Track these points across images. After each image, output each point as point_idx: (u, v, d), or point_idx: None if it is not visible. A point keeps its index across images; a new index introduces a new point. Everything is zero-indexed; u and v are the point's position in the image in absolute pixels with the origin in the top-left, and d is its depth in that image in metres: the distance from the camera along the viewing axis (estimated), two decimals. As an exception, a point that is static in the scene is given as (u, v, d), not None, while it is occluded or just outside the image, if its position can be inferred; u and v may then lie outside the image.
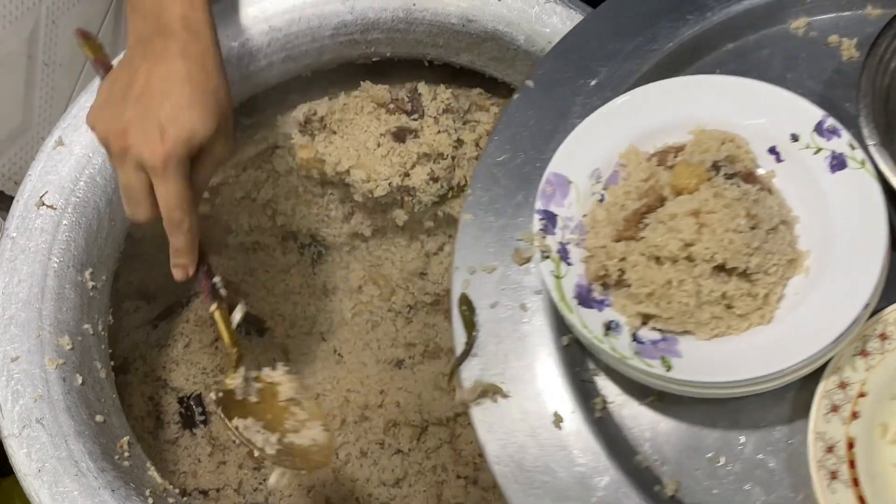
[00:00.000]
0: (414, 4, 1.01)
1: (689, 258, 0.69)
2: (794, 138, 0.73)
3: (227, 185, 1.15)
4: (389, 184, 1.07)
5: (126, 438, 0.89)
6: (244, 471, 1.15)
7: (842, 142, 0.72)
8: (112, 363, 1.15)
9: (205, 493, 1.14)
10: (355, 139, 1.08)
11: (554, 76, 0.85)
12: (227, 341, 0.85)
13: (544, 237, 0.74)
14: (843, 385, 0.69)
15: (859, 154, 0.71)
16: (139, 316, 1.22)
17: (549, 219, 0.74)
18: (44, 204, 0.92)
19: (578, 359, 0.76)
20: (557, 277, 0.72)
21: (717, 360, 0.68)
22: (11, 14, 1.01)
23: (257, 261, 1.25)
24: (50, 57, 1.09)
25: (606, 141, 0.76)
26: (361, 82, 1.11)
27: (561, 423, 0.73)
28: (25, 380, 0.85)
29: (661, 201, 0.73)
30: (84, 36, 0.90)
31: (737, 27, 0.84)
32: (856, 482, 0.67)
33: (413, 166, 1.07)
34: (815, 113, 0.73)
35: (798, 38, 0.84)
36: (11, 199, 0.95)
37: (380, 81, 1.11)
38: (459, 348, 0.77)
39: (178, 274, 0.82)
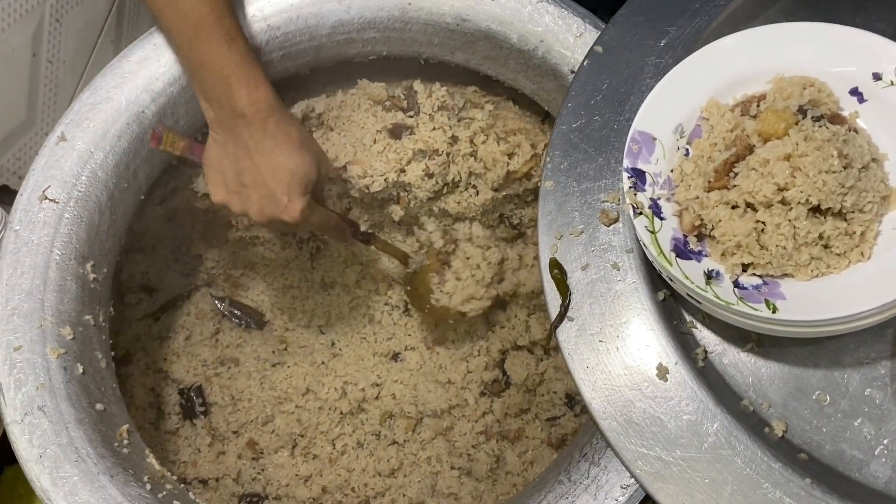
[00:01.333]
0: (409, 4, 1.02)
1: (784, 202, 0.70)
2: (877, 77, 0.74)
3: (227, 181, 1.16)
4: (385, 179, 1.08)
5: (125, 426, 0.90)
6: (243, 461, 1.17)
7: None
8: (114, 354, 1.17)
9: (204, 482, 1.15)
10: (352, 136, 1.09)
11: (623, 39, 0.85)
12: (401, 256, 1.13)
13: (635, 194, 0.74)
14: None
15: None
16: (141, 308, 1.24)
17: (638, 176, 0.75)
18: (46, 198, 0.94)
19: (675, 312, 0.78)
20: (652, 232, 0.73)
21: (820, 299, 0.69)
22: (16, 12, 1.03)
23: (257, 255, 1.26)
24: (54, 54, 1.11)
25: (686, 96, 0.77)
26: (358, 80, 1.12)
27: (666, 375, 0.75)
28: (28, 368, 0.87)
29: (750, 150, 0.74)
30: (157, 137, 0.97)
31: None
32: None
33: (409, 162, 1.09)
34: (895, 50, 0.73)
35: None
36: (15, 193, 0.97)
37: (376, 79, 1.12)
38: (553, 312, 0.78)
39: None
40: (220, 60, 0.89)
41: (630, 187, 0.75)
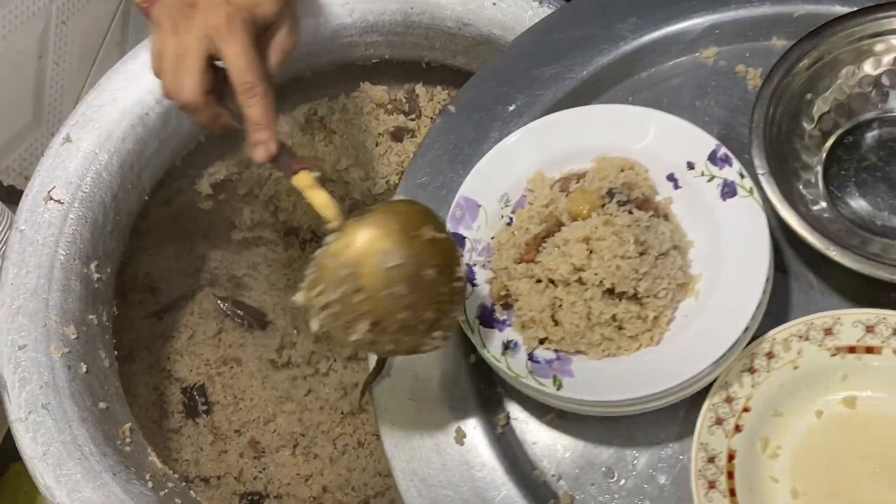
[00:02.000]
0: (412, 8, 1.03)
1: (581, 282, 0.71)
2: (691, 166, 0.75)
3: (231, 182, 1.16)
4: (387, 182, 1.09)
5: (128, 425, 0.91)
6: (244, 460, 1.17)
7: (733, 170, 0.73)
8: (117, 353, 1.17)
9: (206, 480, 1.16)
10: (354, 139, 1.09)
11: (476, 102, 0.87)
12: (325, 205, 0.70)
13: None
14: (729, 399, 0.71)
15: (748, 182, 0.73)
16: (145, 308, 1.24)
17: (458, 241, 0.76)
18: (51, 198, 0.94)
19: (485, 376, 0.78)
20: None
21: (607, 379, 0.70)
22: (23, 14, 1.03)
23: (260, 255, 1.26)
24: (60, 56, 1.11)
25: (516, 166, 0.78)
26: (361, 83, 1.12)
27: (463, 439, 0.76)
28: (32, 367, 0.88)
29: (559, 227, 0.75)
30: None
31: (649, 56, 0.87)
32: (733, 493, 0.69)
33: (410, 165, 1.09)
34: (710, 142, 0.75)
35: (708, 67, 0.86)
36: (21, 193, 0.97)
37: (378, 83, 1.12)
38: (371, 366, 0.79)
39: (260, 153, 0.71)
40: None
41: None
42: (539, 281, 0.73)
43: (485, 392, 0.78)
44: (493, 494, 0.74)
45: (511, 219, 0.77)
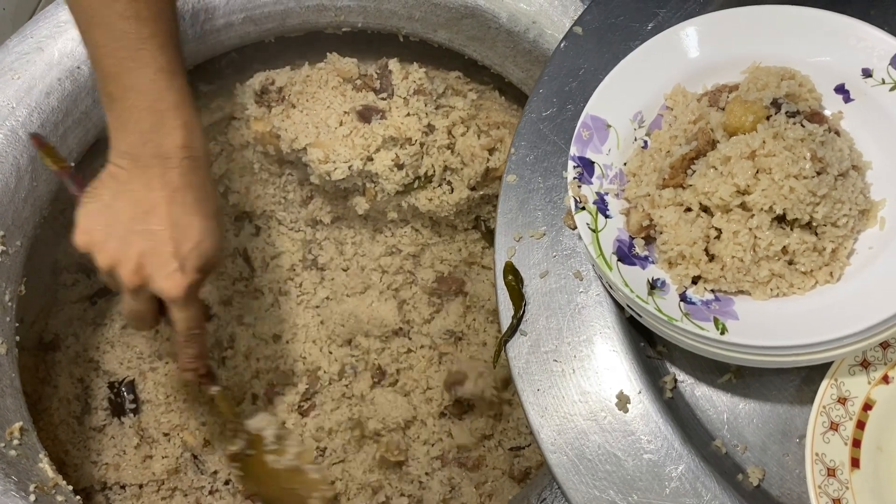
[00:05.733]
0: (391, -31, 0.94)
1: (744, 207, 0.64)
2: (867, 73, 0.67)
3: (177, 156, 1.05)
4: (349, 167, 0.98)
5: (18, 424, 0.80)
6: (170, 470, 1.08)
7: None
8: (41, 338, 1.08)
9: (124, 487, 1.07)
10: (316, 115, 1.00)
11: (605, 20, 0.78)
12: (232, 417, 1.00)
13: (580, 186, 0.68)
14: None
15: None
16: (76, 290, 1.16)
17: (586, 166, 0.69)
18: (-47, 155, 0.84)
19: (644, 333, 0.71)
20: (594, 231, 0.67)
21: (778, 322, 0.62)
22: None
23: None
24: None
25: (650, 81, 0.71)
26: (328, 54, 1.04)
27: (627, 405, 0.68)
28: None
29: (713, 145, 0.67)
30: (39, 143, 0.87)
31: None
32: None
33: (377, 150, 0.99)
34: (892, 44, 0.67)
35: None
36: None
37: (348, 55, 1.04)
38: (505, 323, 0.71)
39: (190, 376, 0.90)
40: (156, 92, 0.77)
41: (574, 178, 0.69)
42: (689, 209, 0.65)
43: (645, 351, 0.71)
44: (670, 469, 0.66)
45: (646, 141, 0.70)
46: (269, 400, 1.09)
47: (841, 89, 0.68)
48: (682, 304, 0.64)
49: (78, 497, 0.80)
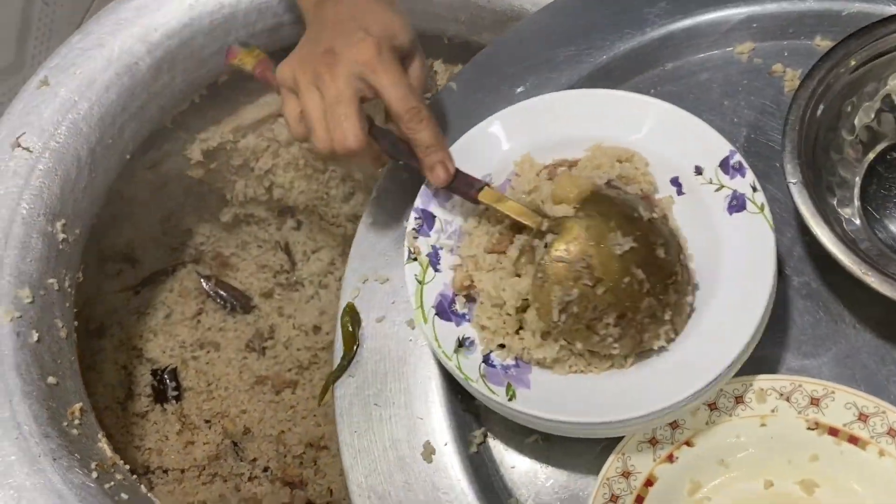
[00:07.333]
0: (437, -27, 0.95)
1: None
2: (699, 171, 0.69)
3: (224, 150, 1.09)
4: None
5: (79, 405, 0.82)
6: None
7: (745, 182, 0.67)
8: (87, 326, 1.11)
9: (166, 472, 1.09)
10: None
11: (479, 81, 0.81)
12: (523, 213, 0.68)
13: (416, 237, 0.69)
14: (675, 426, 0.65)
15: (760, 197, 0.66)
16: (121, 280, 1.19)
17: (427, 219, 0.71)
18: (19, 145, 0.86)
19: (462, 386, 0.70)
20: (420, 283, 0.68)
21: (568, 396, 0.63)
22: (11, -54, 0.96)
23: (250, 234, 1.21)
24: (50, -5, 1.04)
25: (504, 146, 0.72)
26: None
27: (431, 456, 0.69)
28: (-27, 329, 0.79)
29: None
30: (233, 54, 0.80)
31: (677, 46, 0.81)
32: None
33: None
34: (724, 147, 0.68)
35: (741, 64, 0.79)
36: (-10, 138, 0.89)
37: None
38: (337, 362, 0.73)
39: (439, 174, 0.69)
40: None
41: (414, 228, 0.70)
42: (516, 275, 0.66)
43: (460, 405, 0.71)
44: None
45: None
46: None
47: (675, 182, 0.69)
48: (482, 365, 0.65)
49: (135, 476, 0.83)
